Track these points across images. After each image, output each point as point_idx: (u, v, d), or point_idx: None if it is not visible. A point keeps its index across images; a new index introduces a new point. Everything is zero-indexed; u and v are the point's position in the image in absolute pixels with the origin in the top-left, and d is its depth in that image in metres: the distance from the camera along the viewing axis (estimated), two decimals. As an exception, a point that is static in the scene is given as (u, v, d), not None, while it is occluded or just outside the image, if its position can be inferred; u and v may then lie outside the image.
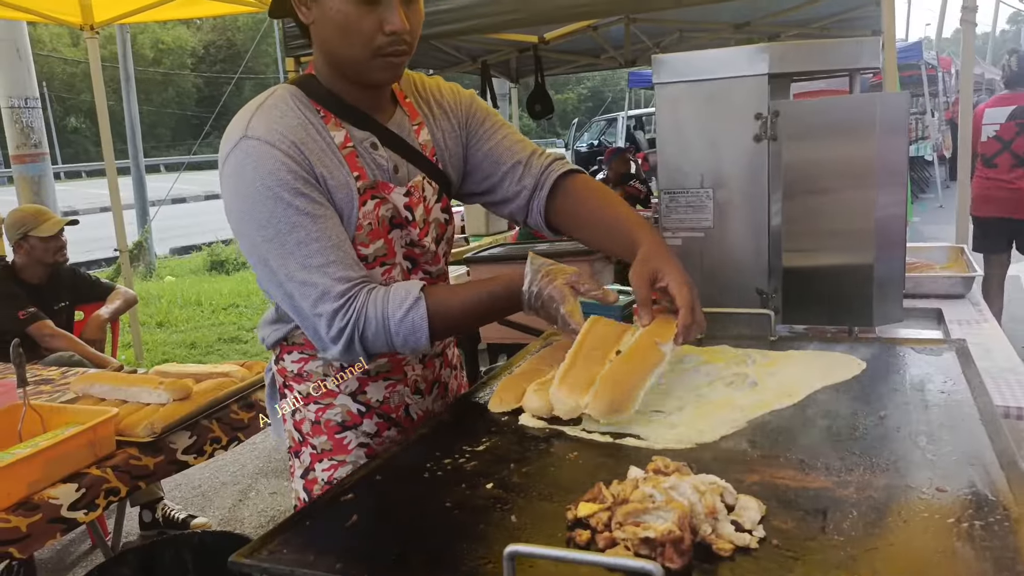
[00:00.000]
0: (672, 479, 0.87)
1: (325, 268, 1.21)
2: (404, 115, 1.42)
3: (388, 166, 1.36)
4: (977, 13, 3.64)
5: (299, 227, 1.21)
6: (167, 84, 36.03)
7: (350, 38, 1.23)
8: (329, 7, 1.22)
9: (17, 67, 6.66)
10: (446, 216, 1.48)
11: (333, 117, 1.32)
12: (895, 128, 1.63)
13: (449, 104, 1.49)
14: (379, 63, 1.26)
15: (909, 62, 11.87)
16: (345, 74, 1.31)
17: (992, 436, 1.00)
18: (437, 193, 1.45)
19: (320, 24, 1.25)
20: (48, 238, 3.48)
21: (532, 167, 1.51)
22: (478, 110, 1.52)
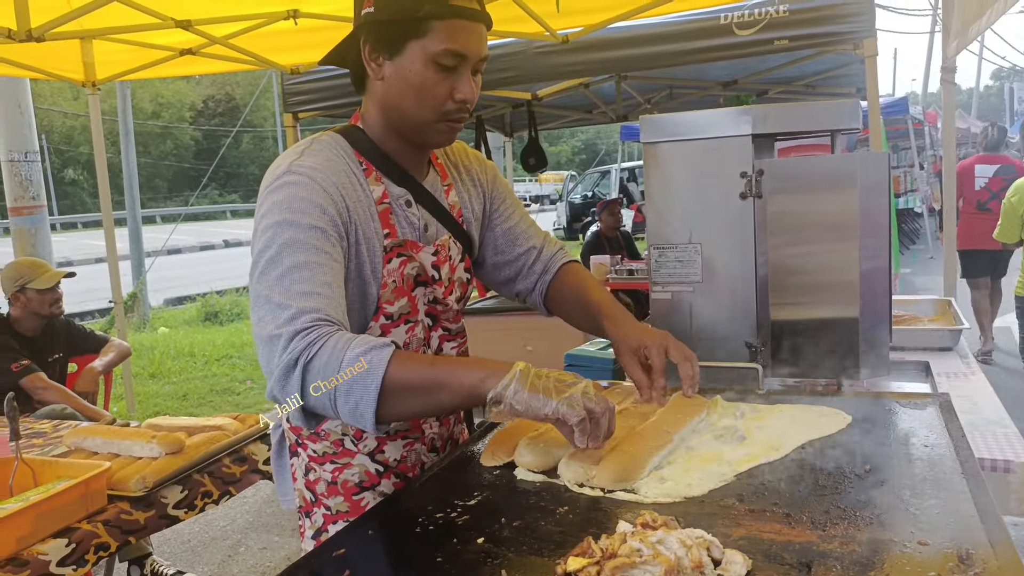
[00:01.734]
0: (659, 533, 0.88)
1: (307, 296, 1.14)
2: (436, 175, 1.46)
3: (419, 224, 1.39)
4: (956, 73, 3.76)
5: (300, 254, 1.17)
6: (165, 137, 36.50)
7: (423, 100, 1.27)
8: (408, 68, 1.25)
9: (18, 122, 6.77)
10: (468, 276, 1.52)
11: (375, 171, 1.34)
12: (877, 186, 1.69)
13: (476, 171, 1.55)
14: (443, 126, 1.31)
15: (896, 116, 12.14)
16: (402, 131, 1.34)
17: (973, 491, 1.02)
18: (461, 253, 1.48)
19: (392, 82, 1.28)
20: (45, 290, 3.50)
21: (544, 254, 1.59)
22: (501, 185, 1.59)
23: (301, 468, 1.46)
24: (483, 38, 1.28)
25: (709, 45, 4.04)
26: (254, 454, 2.46)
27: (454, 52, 1.23)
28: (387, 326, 1.35)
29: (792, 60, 5.53)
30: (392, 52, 1.26)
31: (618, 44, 4.25)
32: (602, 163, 28.89)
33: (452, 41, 1.23)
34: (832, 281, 1.72)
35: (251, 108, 26.43)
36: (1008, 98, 30.90)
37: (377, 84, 1.31)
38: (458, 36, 1.23)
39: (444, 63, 1.24)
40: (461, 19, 1.23)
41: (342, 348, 1.10)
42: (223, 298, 11.19)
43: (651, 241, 1.93)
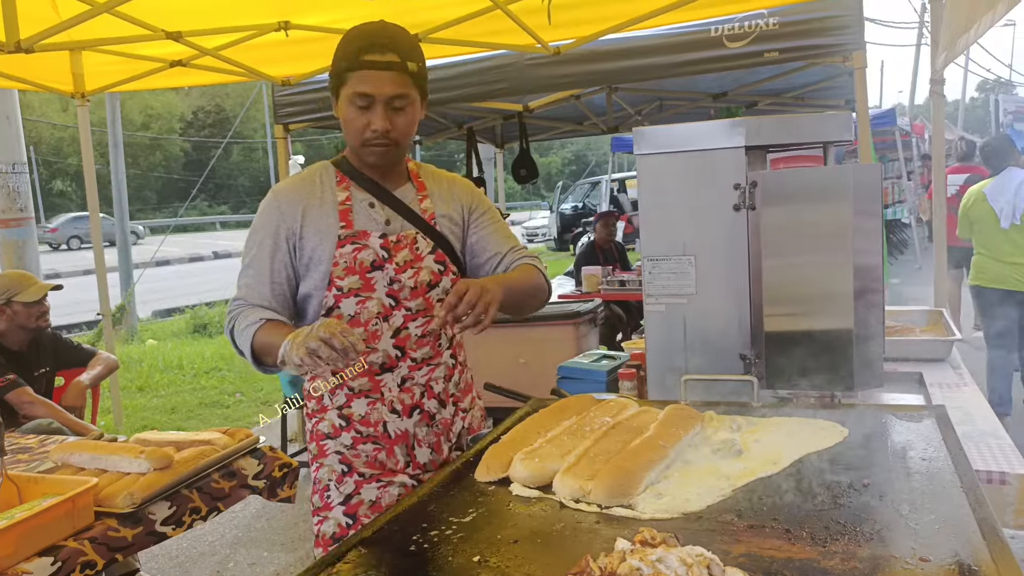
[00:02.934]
0: (659, 551, 0.87)
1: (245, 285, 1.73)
2: (413, 187, 1.82)
3: (380, 219, 1.75)
4: (945, 85, 3.79)
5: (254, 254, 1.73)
6: (155, 148, 36.39)
7: (349, 131, 1.70)
8: (342, 110, 1.69)
9: (6, 133, 6.72)
10: (440, 267, 1.77)
11: (346, 181, 1.77)
12: (869, 197, 1.69)
13: (457, 190, 1.87)
14: (366, 150, 1.70)
15: (884, 128, 12.24)
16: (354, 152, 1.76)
17: (973, 505, 1.01)
18: (432, 247, 1.77)
19: (341, 120, 1.71)
20: (32, 303, 3.46)
21: (506, 259, 1.84)
22: (479, 202, 1.88)
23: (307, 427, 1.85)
24: (393, 81, 1.63)
25: (700, 57, 4.05)
26: (244, 469, 2.43)
27: (362, 94, 1.63)
28: (339, 296, 1.70)
29: (781, 72, 5.56)
30: (337, 99, 1.70)
31: (609, 56, 4.26)
32: (592, 174, 28.98)
33: (360, 86, 1.63)
34: (826, 292, 1.72)
35: (241, 119, 26.39)
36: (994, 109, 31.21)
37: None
38: (366, 82, 1.62)
39: (358, 103, 1.64)
40: (367, 70, 1.62)
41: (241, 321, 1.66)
42: (212, 310, 11.12)
43: (645, 253, 1.93)
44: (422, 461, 1.76)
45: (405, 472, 1.75)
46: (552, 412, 1.56)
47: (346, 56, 1.64)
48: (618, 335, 6.11)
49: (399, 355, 1.73)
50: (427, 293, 1.74)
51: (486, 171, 7.99)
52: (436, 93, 4.64)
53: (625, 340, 5.03)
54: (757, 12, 3.83)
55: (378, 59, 1.62)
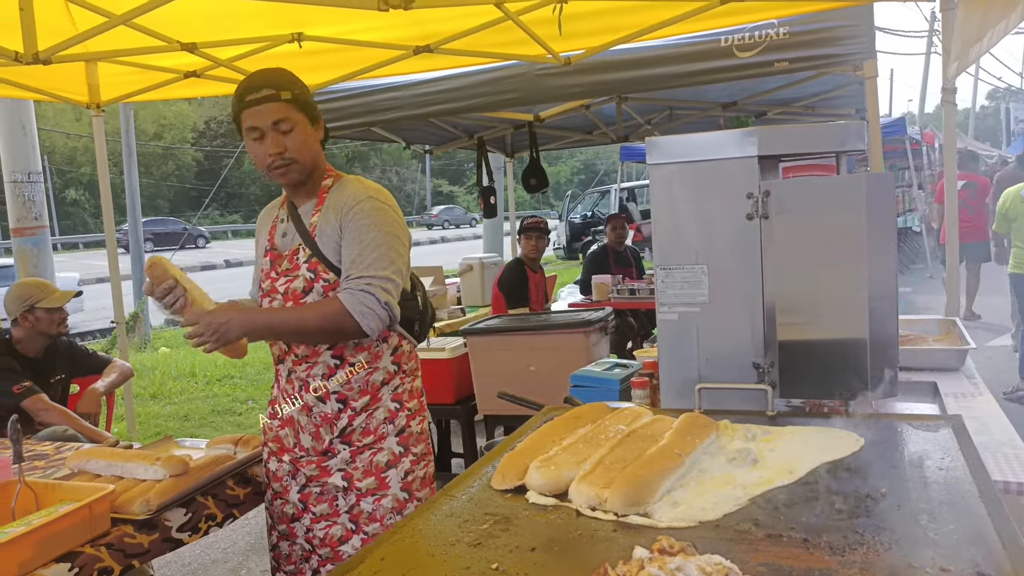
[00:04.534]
0: (678, 560, 0.87)
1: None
2: (313, 204, 2.08)
3: (280, 232, 2.11)
4: (957, 94, 3.78)
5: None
6: (167, 157, 36.66)
7: (256, 160, 2.01)
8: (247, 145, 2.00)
9: (22, 143, 6.80)
10: (311, 275, 2.02)
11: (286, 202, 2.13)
12: (882, 206, 1.69)
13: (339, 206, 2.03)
14: (273, 173, 2.00)
15: (894, 136, 12.20)
16: None
17: (992, 514, 1.01)
18: (307, 256, 2.02)
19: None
20: (53, 310, 3.50)
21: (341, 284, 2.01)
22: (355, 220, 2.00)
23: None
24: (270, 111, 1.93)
25: (710, 67, 4.06)
26: (258, 476, 2.44)
27: (250, 127, 1.96)
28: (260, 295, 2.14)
29: (791, 81, 5.56)
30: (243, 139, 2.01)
31: (619, 66, 4.27)
32: (601, 183, 28.99)
33: (247, 121, 1.96)
34: (839, 301, 1.72)
35: (252, 129, 26.55)
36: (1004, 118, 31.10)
37: None
38: (250, 118, 1.95)
39: (252, 136, 1.96)
40: (250, 107, 1.94)
41: None
42: (224, 318, 11.15)
43: (658, 262, 1.93)
44: (305, 445, 2.08)
45: (292, 451, 2.10)
46: (567, 420, 1.56)
47: (234, 103, 1.98)
48: (628, 344, 6.10)
49: (286, 349, 2.07)
50: (302, 298, 2.02)
51: (496, 180, 8.01)
52: (447, 103, 4.69)
53: (636, 349, 5.03)
54: (767, 22, 3.84)
55: (255, 96, 1.94)
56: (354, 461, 2.06)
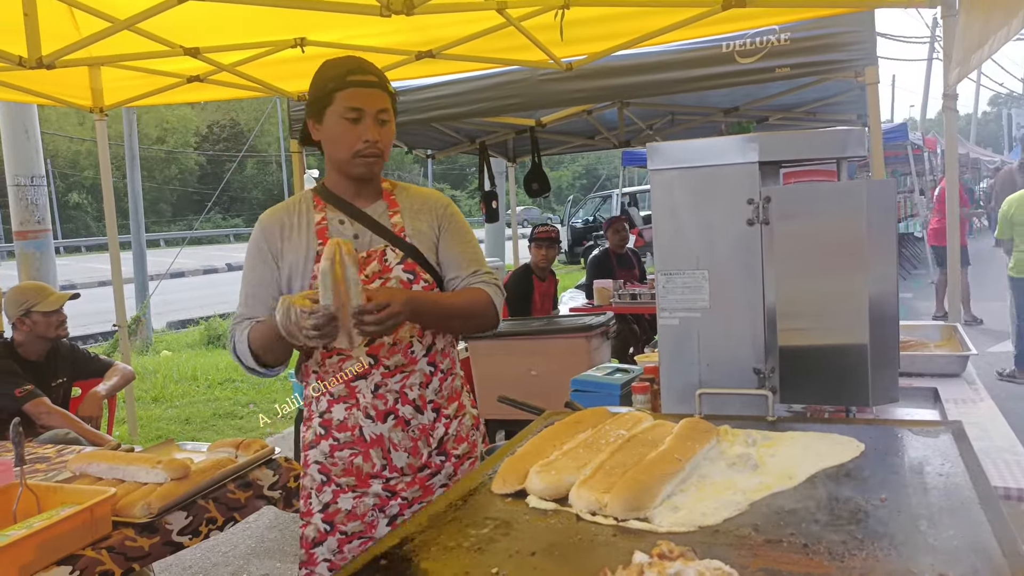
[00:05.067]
0: (677, 564, 0.87)
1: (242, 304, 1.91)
2: (384, 205, 1.95)
3: (348, 234, 1.89)
4: (958, 100, 3.78)
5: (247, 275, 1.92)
6: (170, 162, 36.73)
7: (341, 145, 1.84)
8: (329, 126, 1.84)
9: (25, 147, 6.82)
10: (410, 276, 1.88)
11: (323, 204, 1.93)
12: (883, 212, 1.69)
13: (429, 206, 1.99)
14: (358, 161, 1.84)
15: (895, 142, 12.21)
16: (339, 171, 1.90)
17: (992, 521, 1.01)
18: (400, 257, 1.88)
19: (325, 139, 1.87)
20: (50, 313, 3.50)
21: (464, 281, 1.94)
22: (450, 220, 1.98)
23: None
24: (378, 97, 1.82)
25: (711, 73, 4.07)
26: (259, 479, 2.45)
27: (352, 108, 1.80)
28: None
29: (793, 87, 5.56)
30: (320, 119, 1.85)
31: (621, 72, 4.28)
32: (603, 188, 29.02)
33: (350, 101, 1.80)
34: (840, 307, 1.72)
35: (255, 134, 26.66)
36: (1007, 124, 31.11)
37: (322, 144, 1.89)
38: (355, 98, 1.80)
39: (349, 117, 1.80)
40: (355, 88, 1.80)
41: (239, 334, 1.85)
42: (226, 321, 11.17)
43: (659, 267, 1.94)
44: (399, 465, 1.86)
45: (381, 475, 1.86)
46: (567, 425, 1.56)
47: (334, 78, 1.82)
48: (630, 348, 6.10)
49: (372, 363, 1.84)
50: None
51: (498, 185, 8.02)
52: (449, 108, 4.70)
53: (637, 354, 5.03)
54: (768, 28, 3.85)
55: (363, 78, 1.83)
56: (457, 474, 1.94)
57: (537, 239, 5.79)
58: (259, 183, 38.85)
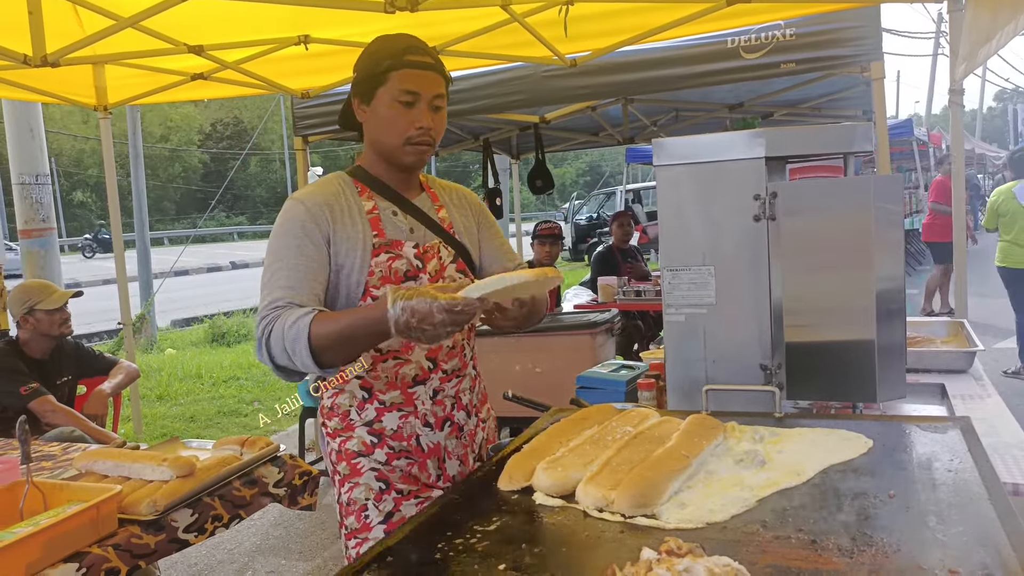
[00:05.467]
0: (686, 561, 0.87)
1: (279, 289, 1.57)
2: (428, 198, 1.83)
3: (404, 228, 1.73)
4: (964, 95, 3.77)
5: (288, 258, 1.60)
6: (174, 160, 36.80)
7: (392, 130, 1.67)
8: (379, 109, 1.66)
9: (30, 145, 6.83)
10: (460, 276, 1.78)
11: (368, 191, 1.73)
12: (890, 207, 1.69)
13: (467, 201, 1.91)
14: (409, 149, 1.68)
15: (901, 138, 12.17)
16: (384, 157, 1.73)
17: (1002, 516, 1.00)
18: (453, 256, 1.78)
19: (371, 121, 1.70)
20: (54, 310, 3.51)
21: None
22: (486, 214, 1.93)
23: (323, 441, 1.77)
24: (434, 81, 1.66)
25: (716, 68, 4.06)
26: (264, 477, 2.45)
27: (408, 91, 1.63)
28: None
29: (798, 83, 5.55)
30: (369, 100, 1.68)
31: (625, 68, 4.27)
32: (607, 185, 28.99)
33: (406, 83, 1.63)
34: (847, 303, 1.71)
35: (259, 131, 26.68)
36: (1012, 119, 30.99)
37: (366, 127, 1.72)
38: (410, 80, 1.63)
39: (403, 100, 1.63)
40: (412, 68, 1.63)
41: (283, 320, 1.49)
42: (230, 319, 11.20)
43: (664, 264, 1.93)
44: (451, 473, 1.77)
45: (437, 485, 1.74)
46: (573, 422, 1.56)
47: (390, 55, 1.63)
48: (635, 345, 6.09)
49: (431, 367, 1.72)
50: None
51: (502, 182, 8.02)
52: (453, 105, 4.64)
53: (642, 350, 5.02)
54: (774, 23, 3.83)
55: (420, 59, 1.65)
56: None
57: (540, 236, 5.78)
58: (263, 181, 38.90)
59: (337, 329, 1.45)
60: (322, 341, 1.45)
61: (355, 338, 1.46)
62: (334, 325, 1.46)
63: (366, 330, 1.43)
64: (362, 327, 1.43)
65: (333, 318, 1.49)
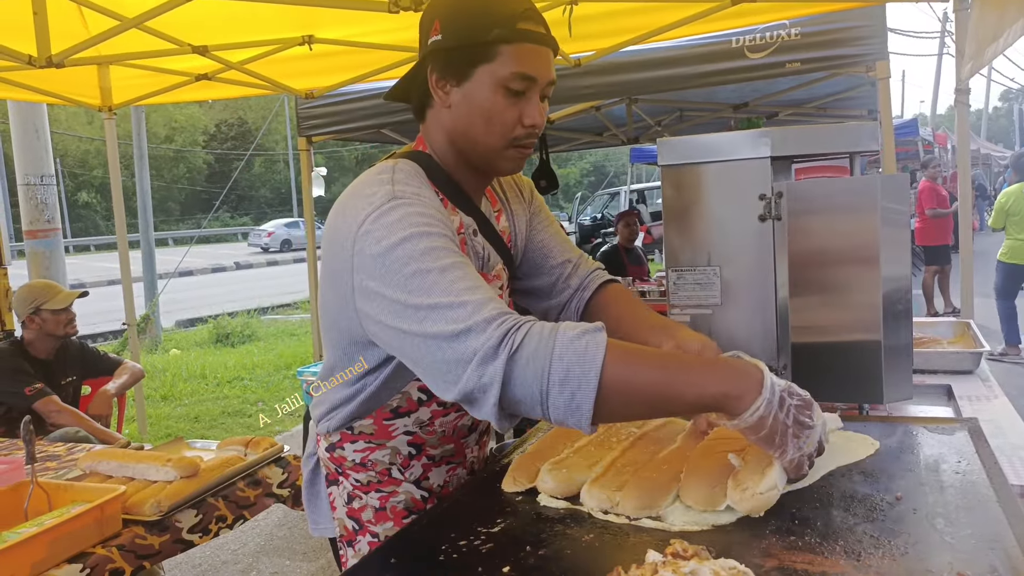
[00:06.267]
0: (692, 564, 0.86)
1: (476, 290, 1.06)
2: (488, 202, 1.43)
3: (484, 254, 1.37)
4: (970, 95, 3.75)
5: (446, 258, 1.10)
6: (178, 160, 36.91)
7: (492, 125, 1.24)
8: (476, 94, 1.23)
9: (35, 146, 6.85)
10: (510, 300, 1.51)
11: (447, 200, 1.31)
12: (896, 207, 1.68)
13: (519, 188, 1.54)
14: (512, 153, 1.28)
15: (906, 138, 12.14)
16: (470, 159, 1.31)
17: (1011, 519, 0.99)
18: (508, 279, 1.46)
19: (460, 109, 1.26)
20: (60, 311, 3.52)
21: (580, 268, 1.55)
22: (537, 196, 1.58)
23: (343, 497, 1.43)
24: (551, 62, 1.26)
25: (720, 68, 4.05)
26: (268, 477, 2.45)
27: (523, 75, 1.21)
28: None
29: (803, 82, 5.54)
30: (460, 78, 1.24)
31: (630, 68, 4.27)
32: (611, 185, 28.97)
33: (521, 64, 1.20)
34: (853, 303, 1.71)
35: (263, 132, 26.73)
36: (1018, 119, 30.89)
37: (444, 112, 1.28)
38: (527, 59, 1.21)
39: (513, 87, 1.22)
40: (529, 43, 1.21)
41: (550, 334, 1.00)
42: (234, 320, 11.22)
43: (669, 264, 1.92)
44: None
45: None
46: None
47: (501, 20, 1.20)
48: (638, 346, 6.07)
49: None
50: None
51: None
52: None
53: (646, 351, 5.00)
54: (779, 23, 3.83)
55: (536, 29, 1.23)
56: None
57: None
58: (267, 181, 38.98)
59: (661, 373, 1.03)
60: (623, 380, 0.99)
61: (670, 398, 1.03)
62: (653, 362, 1.04)
63: (700, 390, 1.02)
64: (700, 381, 1.03)
65: (644, 350, 1.08)
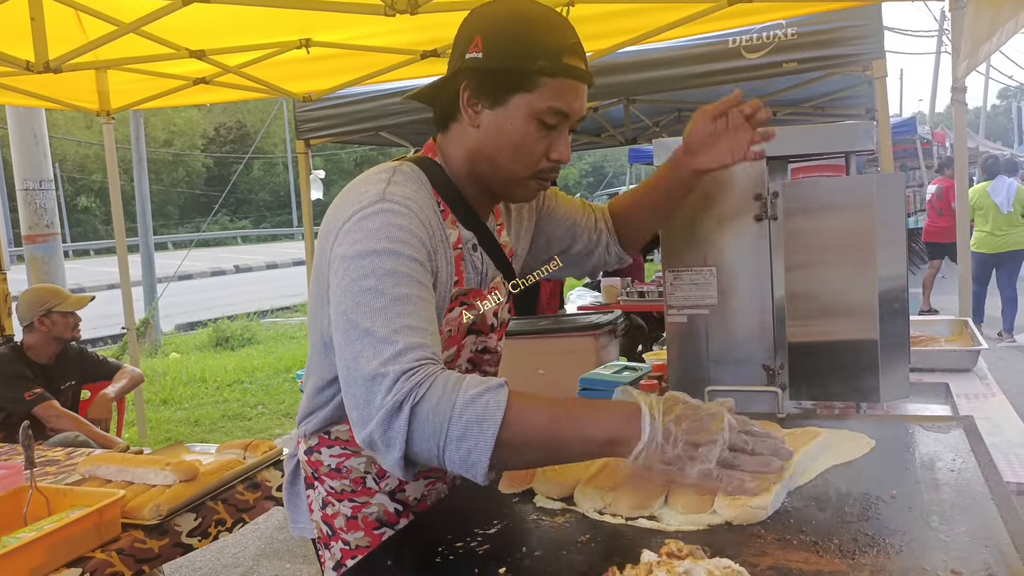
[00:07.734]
0: (686, 563, 0.86)
1: (413, 331, 1.07)
2: (492, 216, 1.42)
3: (482, 270, 1.37)
4: (967, 93, 3.76)
5: (404, 287, 1.11)
6: (177, 164, 36.92)
7: (519, 155, 1.25)
8: (509, 121, 1.22)
9: (33, 151, 6.86)
10: (509, 316, 1.52)
11: (449, 212, 1.30)
12: (893, 206, 1.68)
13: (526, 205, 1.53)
14: (533, 184, 1.30)
15: (904, 136, 12.16)
16: (489, 182, 1.31)
17: (1005, 516, 1.00)
18: (507, 296, 1.46)
19: (488, 132, 1.25)
20: (69, 314, 3.54)
21: (595, 210, 1.66)
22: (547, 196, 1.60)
23: (318, 501, 1.43)
24: (585, 98, 1.27)
25: (718, 68, 4.06)
26: (268, 481, 2.45)
27: (560, 111, 1.22)
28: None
29: (800, 82, 5.55)
30: (495, 102, 1.23)
31: (627, 68, 4.28)
32: (610, 186, 28.99)
33: (559, 100, 1.21)
34: (850, 302, 1.71)
35: (262, 135, 26.74)
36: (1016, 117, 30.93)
37: (471, 131, 1.27)
38: (566, 95, 1.22)
39: (548, 121, 1.22)
40: (572, 79, 1.22)
41: (452, 390, 1.03)
42: (234, 323, 11.22)
43: (666, 264, 1.93)
44: None
45: None
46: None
47: (547, 52, 1.19)
48: (638, 346, 6.09)
49: None
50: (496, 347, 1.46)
51: (504, 184, 8.00)
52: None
53: (646, 351, 5.01)
54: (775, 23, 3.84)
55: (579, 65, 1.23)
56: None
57: None
58: (266, 185, 39.00)
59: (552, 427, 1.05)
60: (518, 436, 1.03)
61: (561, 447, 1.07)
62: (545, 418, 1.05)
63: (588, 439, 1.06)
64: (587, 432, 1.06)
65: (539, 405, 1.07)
